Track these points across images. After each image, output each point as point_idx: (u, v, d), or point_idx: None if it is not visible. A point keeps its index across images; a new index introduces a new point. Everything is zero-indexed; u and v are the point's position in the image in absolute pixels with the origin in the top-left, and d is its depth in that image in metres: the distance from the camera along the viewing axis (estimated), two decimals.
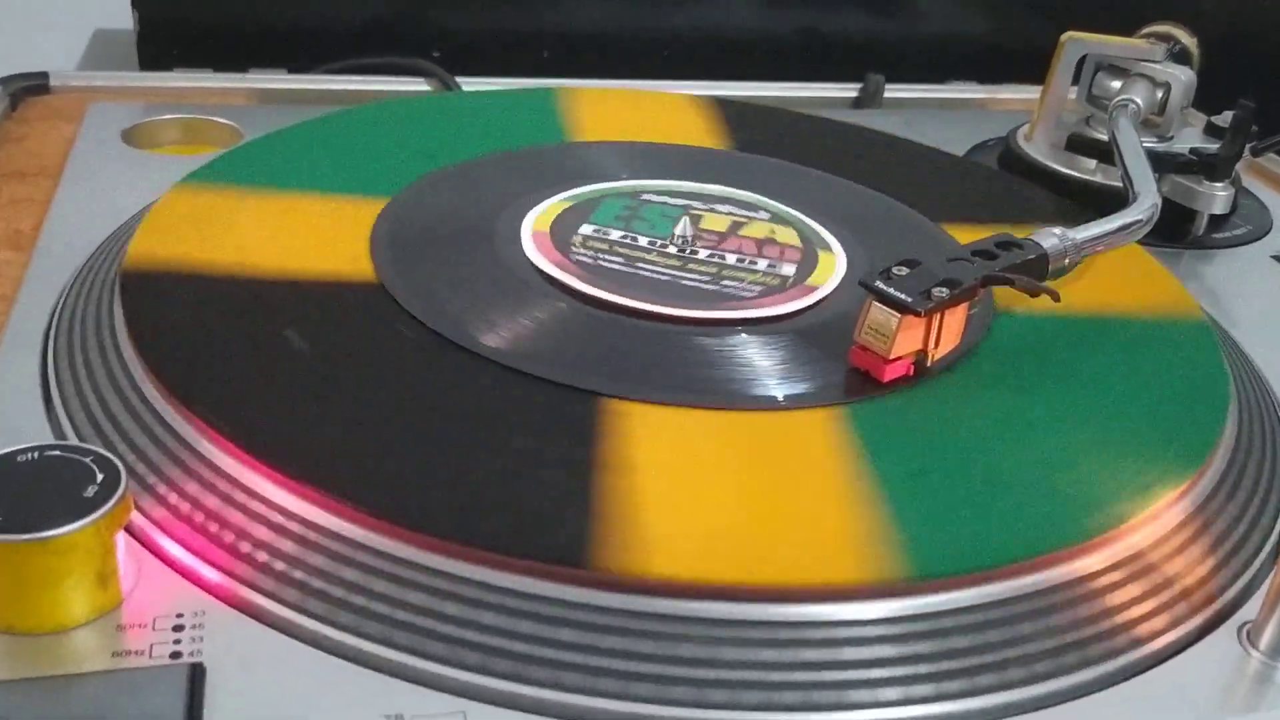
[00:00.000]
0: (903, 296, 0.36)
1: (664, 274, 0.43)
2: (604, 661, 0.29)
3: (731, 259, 0.45)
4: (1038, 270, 0.40)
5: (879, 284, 0.37)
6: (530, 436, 0.34)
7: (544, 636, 0.29)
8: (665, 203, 0.49)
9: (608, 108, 0.60)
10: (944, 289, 0.37)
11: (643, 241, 0.45)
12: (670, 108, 0.61)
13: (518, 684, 0.29)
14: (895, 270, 0.38)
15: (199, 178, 0.47)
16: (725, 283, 0.43)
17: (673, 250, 0.45)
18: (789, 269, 0.45)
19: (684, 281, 0.43)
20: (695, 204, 0.49)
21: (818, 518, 0.33)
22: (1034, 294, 0.39)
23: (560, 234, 0.45)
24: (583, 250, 0.44)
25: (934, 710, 0.30)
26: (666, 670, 0.29)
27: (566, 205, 0.47)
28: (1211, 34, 0.62)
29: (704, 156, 0.55)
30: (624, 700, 0.29)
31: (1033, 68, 0.62)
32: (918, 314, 0.36)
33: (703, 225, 0.47)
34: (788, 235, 0.47)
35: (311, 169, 0.49)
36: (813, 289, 0.43)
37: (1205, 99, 0.61)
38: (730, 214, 0.48)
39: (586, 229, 0.45)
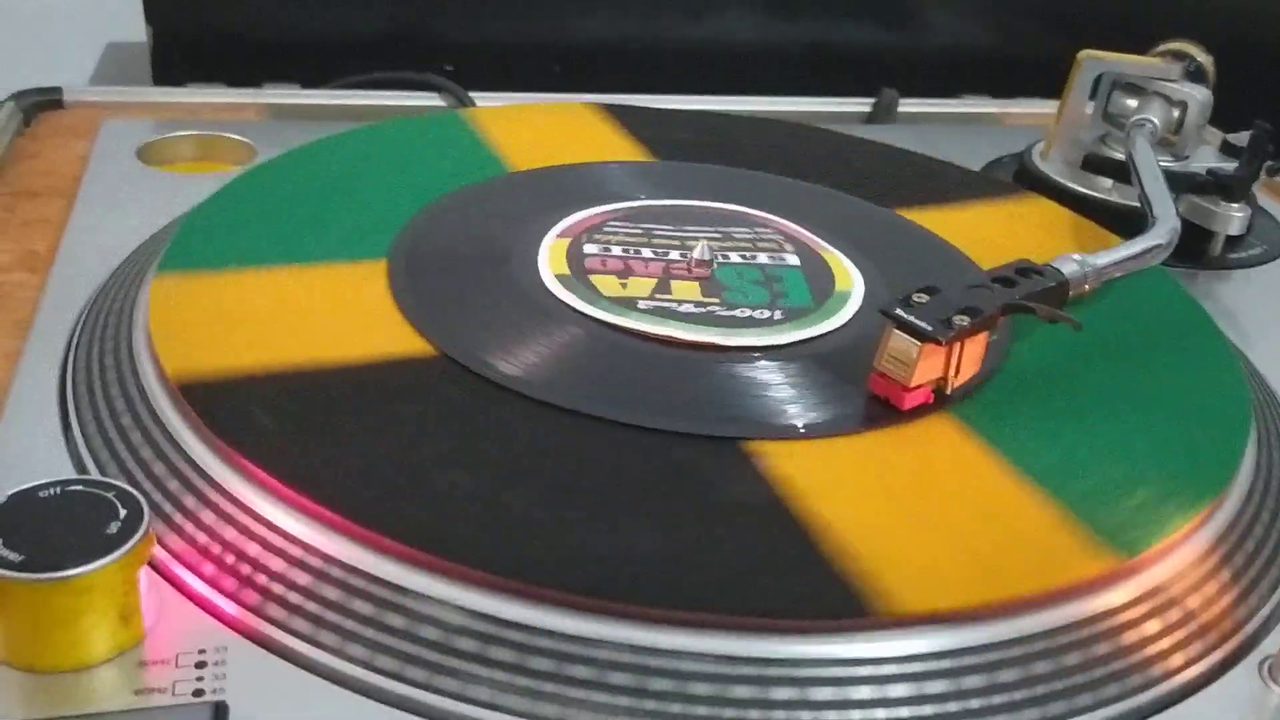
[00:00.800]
0: (924, 325, 0.36)
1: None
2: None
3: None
4: (1058, 297, 0.40)
5: (899, 312, 0.37)
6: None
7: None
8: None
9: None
10: (965, 317, 0.37)
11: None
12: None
13: None
14: (915, 298, 0.37)
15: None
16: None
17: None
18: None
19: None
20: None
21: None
22: (1054, 321, 0.39)
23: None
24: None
25: None
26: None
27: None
28: (1227, 51, 0.62)
29: (664, 171, 0.54)
30: None
31: (1045, 81, 0.62)
32: (939, 342, 0.36)
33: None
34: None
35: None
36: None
37: (1221, 116, 0.61)
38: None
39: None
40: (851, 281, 0.45)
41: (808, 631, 0.30)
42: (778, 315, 0.42)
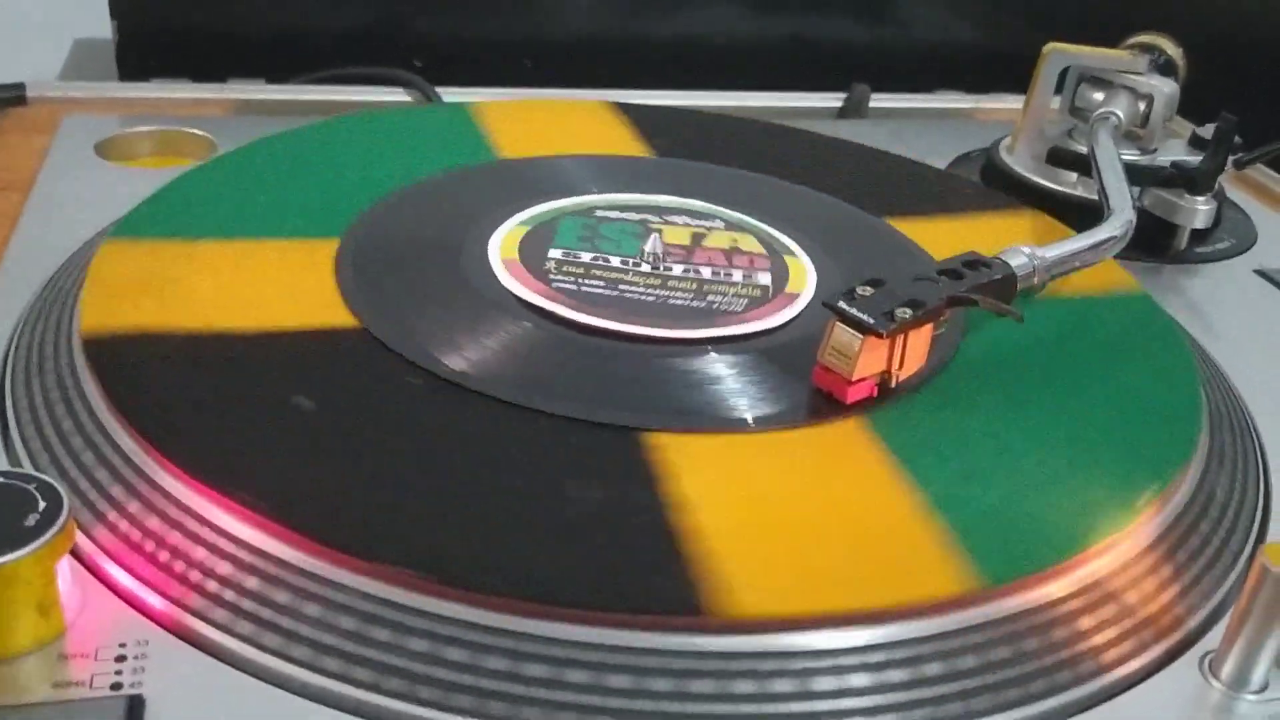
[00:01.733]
0: (865, 318, 0.36)
1: (649, 295, 0.43)
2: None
3: (707, 272, 0.44)
4: (1006, 290, 0.40)
5: (842, 304, 0.36)
6: (583, 481, 0.34)
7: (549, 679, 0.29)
8: (622, 219, 0.48)
9: (526, 120, 0.58)
10: (907, 310, 0.36)
11: (615, 262, 0.45)
12: (587, 117, 0.60)
13: None
14: (859, 290, 0.37)
15: (128, 232, 0.44)
16: (710, 298, 0.43)
17: (647, 269, 0.44)
18: (764, 278, 0.44)
19: (671, 301, 0.42)
20: (651, 217, 0.48)
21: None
22: (1000, 314, 0.38)
23: (531, 260, 0.44)
24: (561, 277, 0.43)
25: None
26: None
27: (526, 230, 0.46)
28: (1203, 44, 0.62)
29: (639, 166, 0.54)
30: None
31: (1024, 77, 0.62)
32: (880, 335, 0.36)
33: (666, 239, 0.47)
34: (749, 243, 0.47)
35: (243, 212, 0.46)
36: (794, 296, 0.43)
37: (1196, 110, 0.61)
38: (688, 225, 0.48)
39: (555, 253, 0.45)
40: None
41: (645, 627, 0.30)
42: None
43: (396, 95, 0.67)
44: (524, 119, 0.58)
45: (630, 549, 0.31)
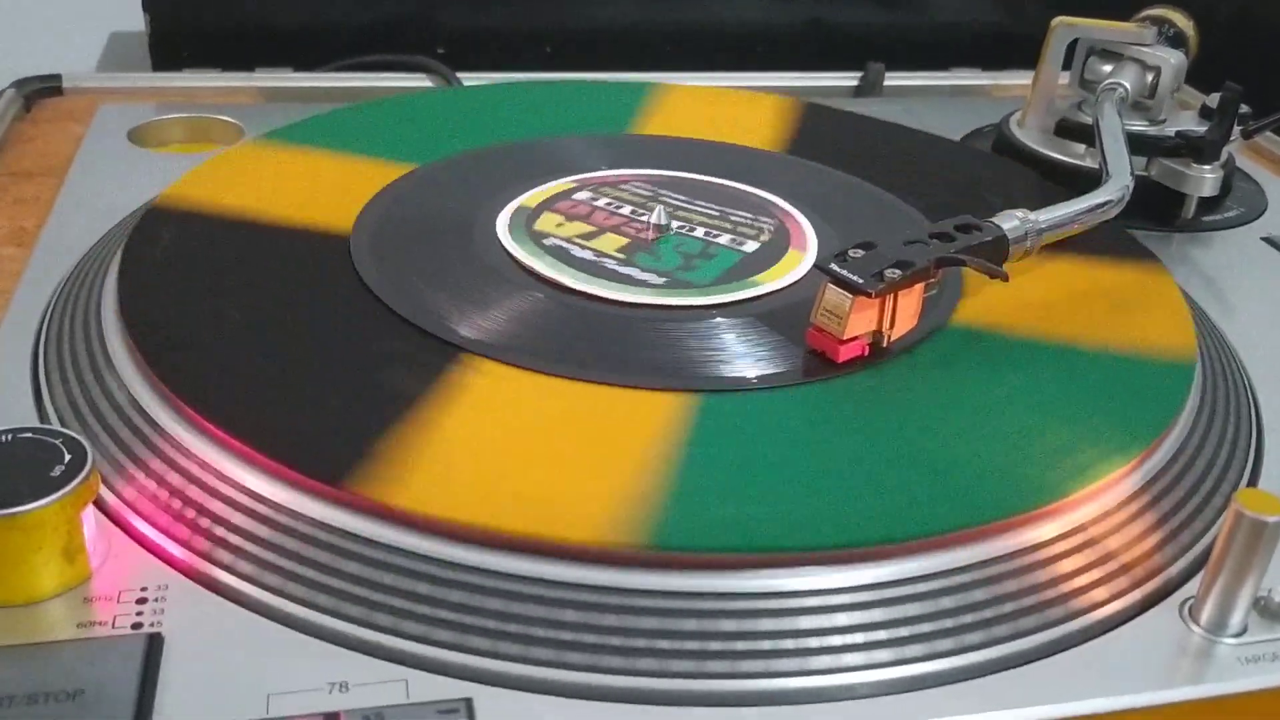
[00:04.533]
0: (855, 278, 0.37)
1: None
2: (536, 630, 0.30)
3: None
4: (997, 252, 0.41)
5: (833, 266, 0.38)
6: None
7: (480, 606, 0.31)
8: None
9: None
10: (896, 270, 0.38)
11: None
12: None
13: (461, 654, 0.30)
14: (851, 253, 0.38)
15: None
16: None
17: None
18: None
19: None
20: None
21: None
22: (990, 275, 0.39)
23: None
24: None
25: (890, 675, 0.31)
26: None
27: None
28: (1219, 15, 0.62)
29: (687, 147, 0.56)
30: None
31: (1039, 53, 0.62)
32: (869, 295, 0.37)
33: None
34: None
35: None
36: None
37: (1212, 80, 0.61)
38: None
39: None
40: (799, 263, 0.45)
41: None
42: (659, 282, 0.43)
43: (420, 81, 0.68)
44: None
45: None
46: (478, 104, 0.60)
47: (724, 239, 0.46)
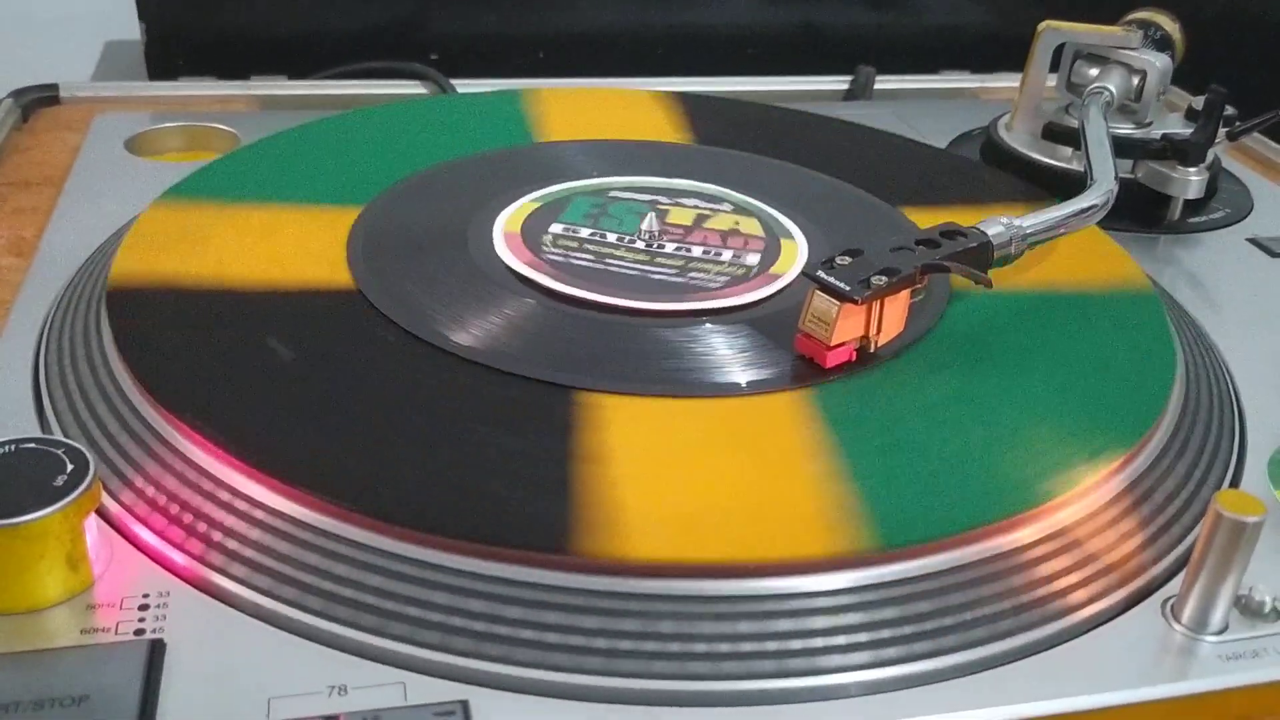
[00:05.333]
0: (842, 285, 0.38)
1: (633, 269, 0.45)
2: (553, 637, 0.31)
3: (697, 251, 0.46)
4: (982, 258, 0.41)
5: (820, 273, 0.38)
6: (504, 430, 0.36)
7: (494, 614, 0.31)
8: (632, 199, 0.50)
9: (573, 107, 0.61)
10: (883, 277, 0.38)
11: (611, 238, 0.47)
12: (635, 105, 0.62)
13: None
14: (838, 260, 0.39)
15: (179, 193, 0.49)
16: (692, 275, 0.45)
17: (640, 245, 0.47)
18: (753, 259, 0.46)
19: (652, 276, 0.44)
20: (661, 199, 0.50)
21: (783, 496, 0.34)
22: (974, 282, 0.40)
23: (531, 234, 0.47)
24: (553, 249, 0.46)
25: (871, 676, 0.31)
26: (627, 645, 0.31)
27: (536, 205, 0.49)
28: (1206, 15, 0.63)
29: (668, 151, 0.56)
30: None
31: (1026, 55, 0.63)
32: (855, 302, 0.38)
33: (669, 220, 0.48)
34: (751, 226, 0.49)
35: (287, 181, 0.51)
36: (776, 277, 0.45)
37: (1201, 78, 0.62)
38: (695, 207, 0.50)
39: (556, 228, 0.47)
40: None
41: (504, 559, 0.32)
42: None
43: (413, 88, 0.69)
44: (573, 106, 0.61)
45: (531, 489, 0.34)
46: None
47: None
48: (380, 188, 0.50)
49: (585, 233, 0.47)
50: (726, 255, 0.46)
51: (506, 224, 0.47)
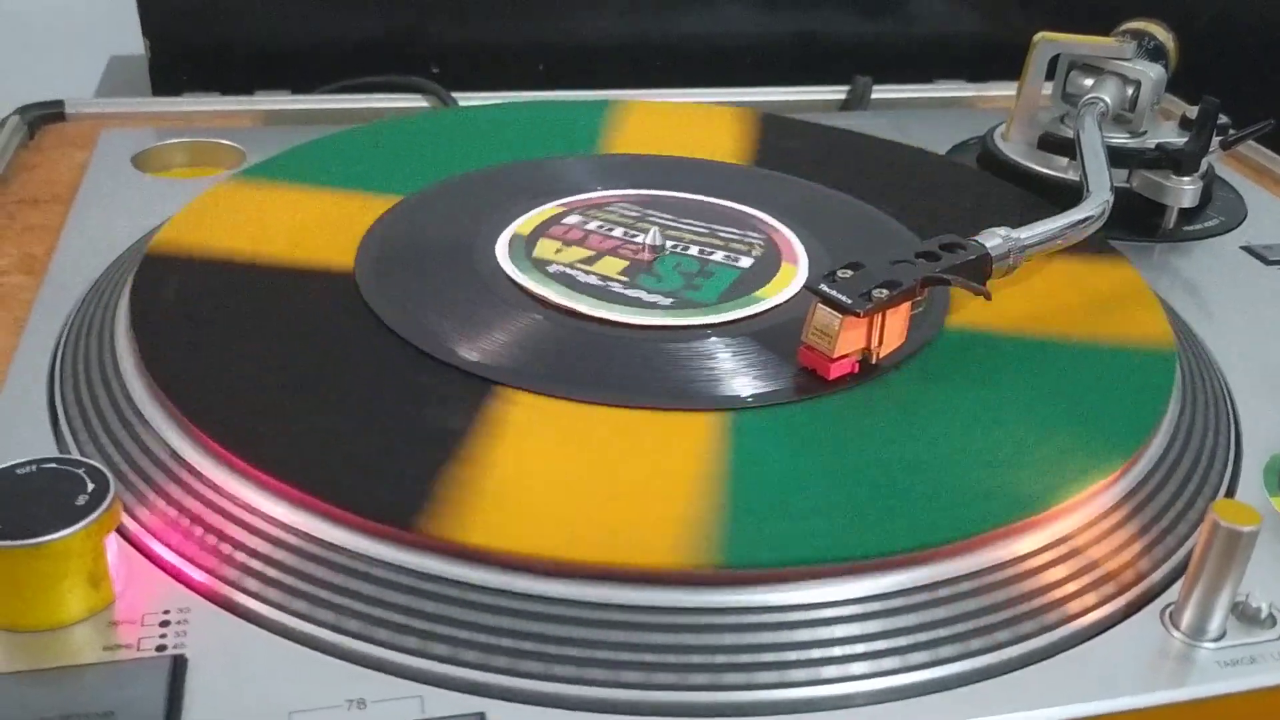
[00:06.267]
0: (844, 298, 0.38)
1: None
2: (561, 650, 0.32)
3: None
4: (981, 270, 0.42)
5: (823, 287, 0.39)
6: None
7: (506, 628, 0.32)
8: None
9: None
10: (884, 290, 0.39)
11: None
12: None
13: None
14: (840, 273, 0.40)
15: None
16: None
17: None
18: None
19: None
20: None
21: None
22: (974, 294, 0.41)
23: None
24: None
25: (873, 685, 0.32)
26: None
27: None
28: (1200, 26, 0.64)
29: (676, 165, 0.57)
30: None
31: (1022, 64, 0.64)
32: (857, 314, 0.38)
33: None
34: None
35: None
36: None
37: (1195, 84, 0.63)
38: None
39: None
40: (790, 281, 0.47)
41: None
42: (667, 303, 0.44)
43: (416, 102, 0.70)
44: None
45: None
46: (444, 130, 0.60)
47: (719, 255, 0.48)
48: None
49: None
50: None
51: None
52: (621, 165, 0.57)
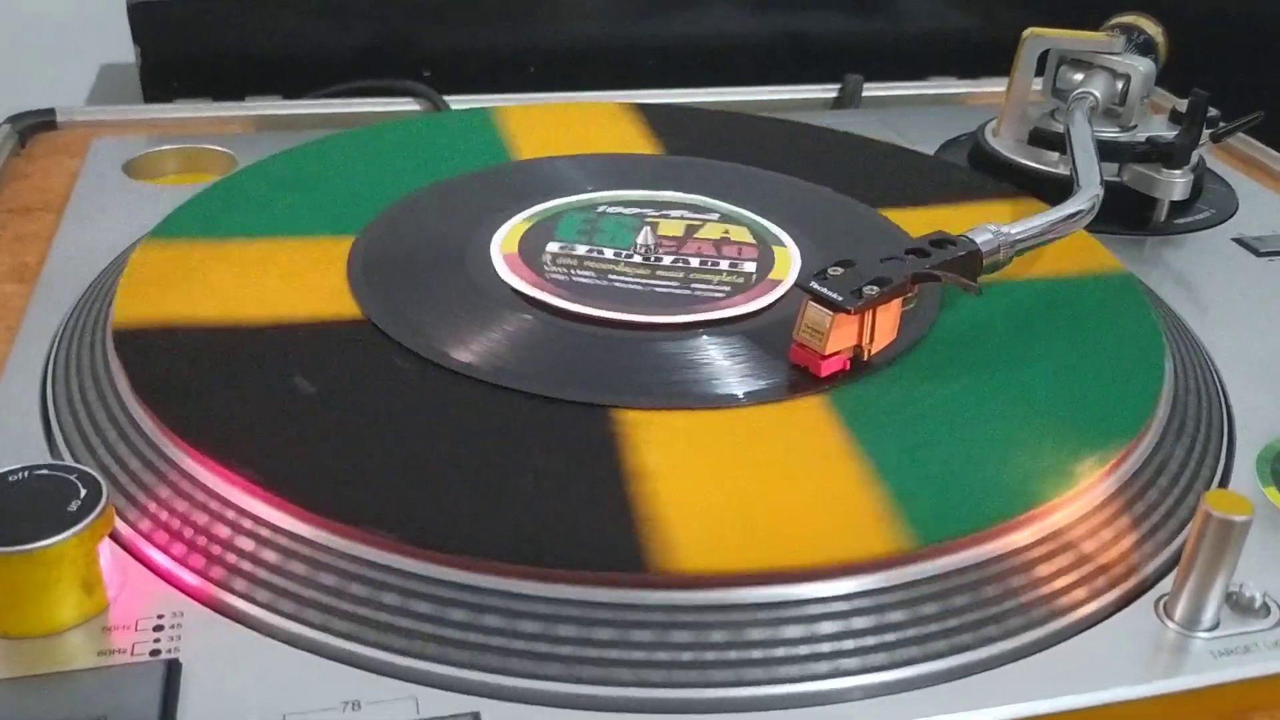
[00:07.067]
0: (834, 295, 0.38)
1: (636, 284, 0.45)
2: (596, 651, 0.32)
3: (695, 262, 0.47)
4: (971, 266, 0.42)
5: (814, 284, 0.39)
6: (542, 451, 0.36)
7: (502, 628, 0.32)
8: (621, 213, 0.51)
9: (543, 123, 0.61)
10: (874, 287, 0.39)
11: (609, 254, 0.47)
12: (603, 118, 0.63)
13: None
14: (830, 270, 0.40)
15: (169, 231, 0.48)
16: (695, 286, 0.45)
17: (639, 259, 0.47)
18: (750, 266, 0.47)
19: (657, 289, 0.45)
20: (649, 211, 0.51)
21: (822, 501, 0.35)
22: (964, 289, 0.41)
23: (529, 253, 0.47)
24: (555, 268, 0.46)
25: (870, 680, 0.32)
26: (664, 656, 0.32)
27: (529, 224, 0.49)
28: (1190, 18, 0.64)
29: (648, 164, 0.57)
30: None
31: (1012, 60, 0.64)
32: (848, 312, 0.38)
33: (661, 232, 0.49)
34: (741, 234, 0.49)
35: (274, 214, 0.50)
36: (776, 283, 0.46)
37: (1186, 76, 0.63)
38: (683, 218, 0.51)
39: (553, 246, 0.48)
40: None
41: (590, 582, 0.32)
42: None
43: (407, 105, 0.70)
44: (541, 122, 0.61)
45: (588, 513, 0.34)
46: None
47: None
48: (366, 215, 0.50)
49: (582, 250, 0.48)
50: (724, 264, 0.47)
51: (503, 245, 0.48)
52: (581, 165, 0.56)
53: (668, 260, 0.47)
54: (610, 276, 0.46)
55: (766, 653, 0.32)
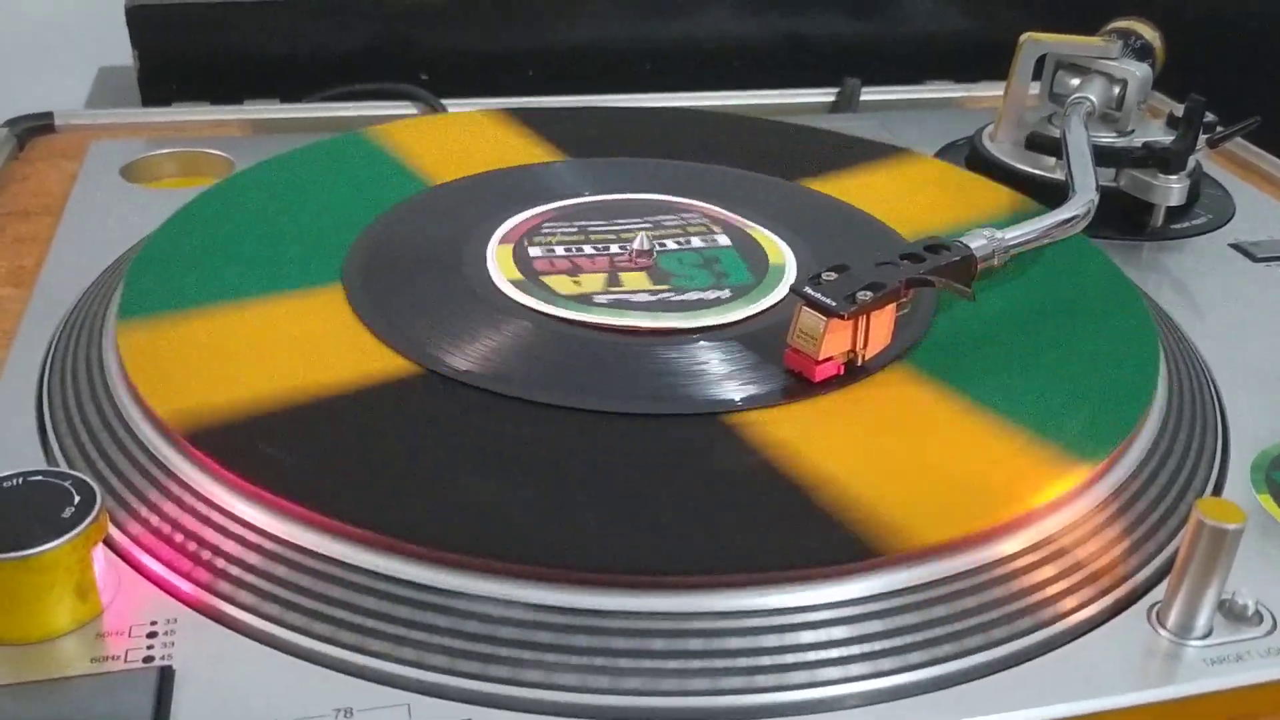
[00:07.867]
0: (828, 301, 0.38)
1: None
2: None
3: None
4: (965, 271, 0.42)
5: (807, 290, 0.39)
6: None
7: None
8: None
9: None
10: (868, 292, 0.39)
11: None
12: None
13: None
14: (824, 276, 0.40)
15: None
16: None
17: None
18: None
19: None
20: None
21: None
22: (958, 295, 0.41)
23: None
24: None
25: (865, 687, 0.32)
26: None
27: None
28: (1187, 22, 0.64)
29: (645, 167, 0.57)
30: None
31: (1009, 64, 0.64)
32: (842, 317, 0.38)
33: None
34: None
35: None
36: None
37: (1183, 80, 0.63)
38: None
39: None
40: (781, 254, 0.47)
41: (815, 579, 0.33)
42: (726, 294, 0.45)
43: (405, 109, 0.70)
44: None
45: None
46: (243, 205, 0.51)
47: (698, 241, 0.48)
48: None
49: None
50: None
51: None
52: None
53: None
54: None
55: (751, 661, 0.32)
